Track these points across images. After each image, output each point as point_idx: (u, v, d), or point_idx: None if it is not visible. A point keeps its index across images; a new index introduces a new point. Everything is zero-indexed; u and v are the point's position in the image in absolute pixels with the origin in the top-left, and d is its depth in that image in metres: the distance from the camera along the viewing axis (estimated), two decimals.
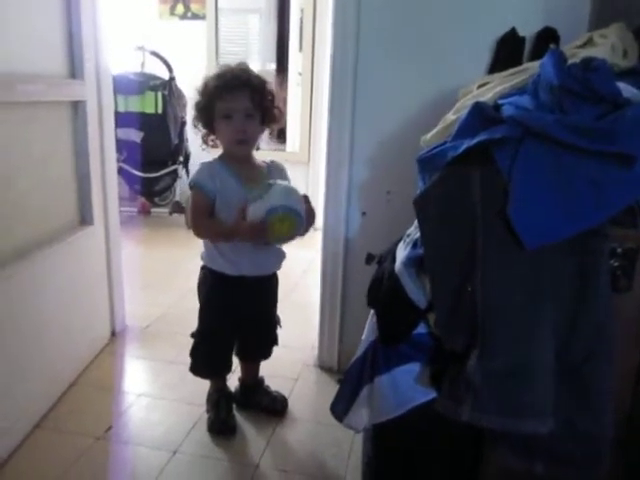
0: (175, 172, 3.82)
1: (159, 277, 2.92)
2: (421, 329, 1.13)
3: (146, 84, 3.57)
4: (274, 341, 1.71)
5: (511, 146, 0.89)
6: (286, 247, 1.57)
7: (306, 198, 1.43)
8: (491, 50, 1.63)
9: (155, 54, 3.61)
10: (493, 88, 1.19)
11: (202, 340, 1.61)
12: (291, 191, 1.40)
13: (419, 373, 1.14)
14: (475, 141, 0.93)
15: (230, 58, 4.03)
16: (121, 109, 3.50)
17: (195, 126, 1.52)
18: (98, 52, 1.90)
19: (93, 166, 1.89)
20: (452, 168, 1.01)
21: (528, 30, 1.57)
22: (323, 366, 2.02)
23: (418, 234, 1.17)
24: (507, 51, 1.57)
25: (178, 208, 3.84)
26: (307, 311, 2.29)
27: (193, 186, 1.47)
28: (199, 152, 1.57)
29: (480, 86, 1.26)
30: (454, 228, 0.97)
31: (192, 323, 1.63)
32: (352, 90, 1.74)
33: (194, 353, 1.63)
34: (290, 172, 1.60)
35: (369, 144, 1.79)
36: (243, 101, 1.43)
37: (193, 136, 3.83)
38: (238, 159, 1.49)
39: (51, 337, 1.69)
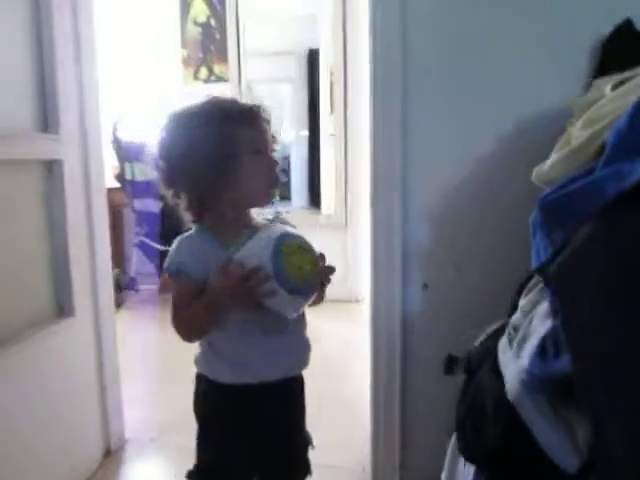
0: None
1: (174, 368, 2.45)
2: None
3: None
4: (306, 471, 1.19)
5: None
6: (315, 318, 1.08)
7: (322, 256, 0.96)
8: (592, 53, 1.18)
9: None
10: None
11: None
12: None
13: None
14: None
15: None
16: (139, 178, 3.20)
17: (178, 195, 1.01)
18: (83, 103, 1.54)
19: (75, 243, 1.49)
20: (621, 209, 0.54)
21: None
22: None
23: (544, 330, 0.68)
24: (619, 49, 1.11)
25: None
26: (353, 411, 1.78)
27: (173, 273, 0.98)
28: None
29: (616, 86, 0.79)
30: None
31: None
32: (401, 134, 1.31)
33: None
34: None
35: (426, 194, 1.34)
36: (266, 132, 1.01)
37: None
38: (233, 225, 1.01)
39: (17, 468, 1.24)
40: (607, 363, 0.53)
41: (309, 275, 0.88)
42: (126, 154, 3.29)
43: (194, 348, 2.27)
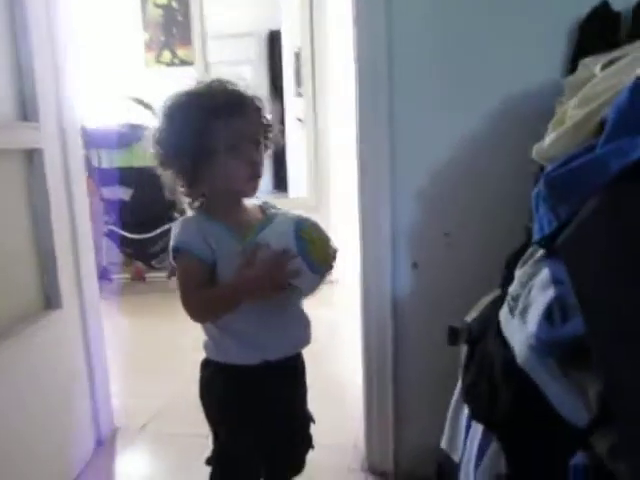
0: (171, 231, 3.41)
1: (157, 358, 2.44)
2: (578, 459, 0.67)
3: (133, 135, 3.20)
4: (309, 445, 1.23)
5: None
6: None
7: None
8: (570, 34, 1.23)
9: (139, 101, 3.26)
10: (634, 64, 0.77)
11: (223, 468, 1.12)
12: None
13: None
14: None
15: None
16: (105, 165, 3.13)
17: (163, 174, 1.05)
18: (60, 90, 1.50)
19: (59, 234, 1.46)
20: (624, 184, 0.58)
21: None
22: (374, 470, 1.52)
23: (547, 298, 0.72)
24: (597, 30, 1.16)
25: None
26: (340, 392, 1.82)
27: (179, 252, 1.00)
28: None
29: (605, 66, 0.84)
30: None
31: (203, 419, 1.13)
32: (387, 114, 1.33)
33: None
34: None
35: (414, 177, 1.37)
36: (251, 123, 1.01)
37: None
38: (226, 208, 1.04)
39: (11, 464, 1.23)
40: (618, 329, 0.58)
41: (328, 255, 0.94)
42: (92, 140, 3.20)
43: (170, 340, 2.29)
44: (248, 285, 0.95)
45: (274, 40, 4.96)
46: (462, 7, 1.29)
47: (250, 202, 1.10)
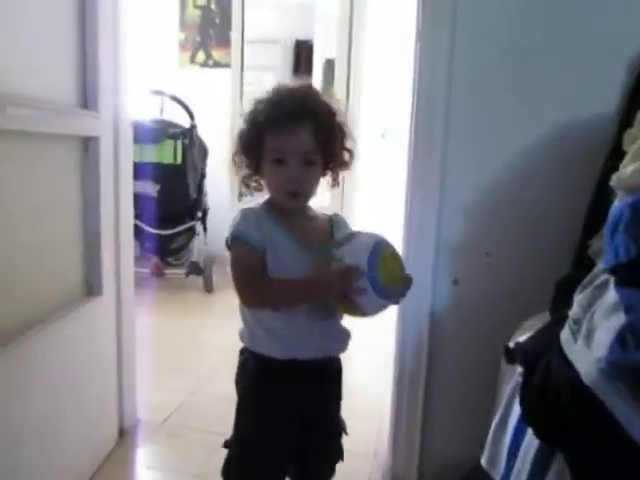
0: (192, 229, 3.43)
1: (175, 353, 2.45)
2: None
3: (165, 132, 3.23)
4: (339, 455, 1.23)
5: None
6: None
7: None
8: (630, 68, 1.25)
9: (175, 99, 3.30)
10: None
11: (239, 454, 1.12)
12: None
13: None
14: None
15: None
16: (136, 159, 3.15)
17: (235, 163, 1.10)
18: (117, 81, 1.53)
19: (105, 221, 1.49)
20: None
21: None
22: None
23: (615, 323, 0.74)
24: None
25: (195, 269, 3.42)
26: (360, 401, 1.83)
27: (236, 238, 1.03)
28: (218, 208, 1.16)
29: None
30: None
31: (222, 415, 1.15)
32: (443, 131, 1.36)
33: (227, 472, 1.13)
34: None
35: (462, 194, 1.39)
36: (303, 141, 1.00)
37: (212, 189, 3.57)
38: (289, 210, 1.07)
39: (41, 447, 1.24)
40: None
41: (398, 281, 0.96)
42: None
43: (188, 336, 2.30)
44: (322, 281, 0.97)
45: (300, 49, 5.03)
46: (522, 34, 1.32)
47: (320, 211, 1.13)
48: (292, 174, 1.01)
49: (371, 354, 2.30)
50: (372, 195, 3.83)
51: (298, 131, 0.99)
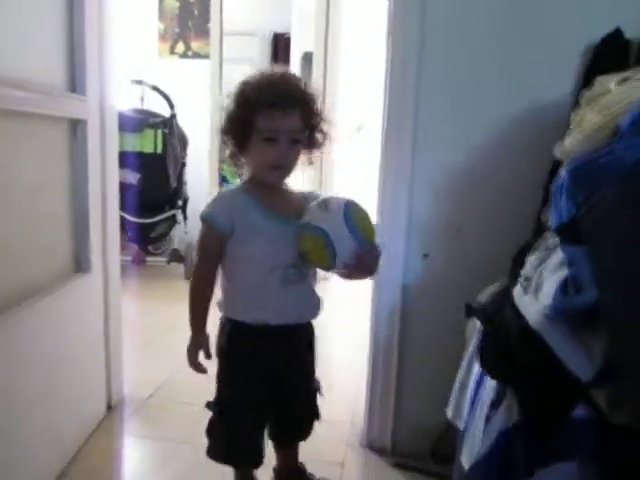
0: (173, 218, 3.49)
1: (158, 335, 2.52)
2: (579, 412, 0.79)
3: (145, 121, 3.28)
4: (315, 414, 1.33)
5: None
6: None
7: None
8: (584, 56, 1.36)
9: (156, 89, 3.34)
10: None
11: (221, 413, 1.23)
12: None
13: (577, 477, 0.78)
14: None
15: None
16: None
17: (224, 142, 1.19)
18: (102, 66, 1.59)
19: (93, 201, 1.55)
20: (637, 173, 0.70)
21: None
22: (372, 447, 1.62)
23: (560, 276, 0.84)
24: (610, 55, 1.29)
25: (176, 257, 3.48)
26: (335, 371, 1.92)
27: (204, 221, 1.16)
28: (198, 196, 1.25)
29: (619, 83, 0.96)
30: None
31: (204, 390, 1.24)
32: (413, 109, 1.45)
33: (211, 431, 1.25)
34: None
35: (432, 173, 1.48)
36: (293, 122, 1.11)
37: (192, 179, 3.63)
38: (267, 187, 1.18)
39: (33, 418, 1.30)
40: (627, 293, 0.70)
41: (372, 237, 1.09)
42: None
43: (170, 319, 2.40)
44: (193, 342, 1.22)
45: (278, 42, 5.07)
46: (488, 25, 1.42)
47: (297, 190, 1.24)
48: (282, 152, 1.12)
49: (350, 329, 2.40)
50: (349, 175, 3.95)
51: (290, 113, 1.10)
